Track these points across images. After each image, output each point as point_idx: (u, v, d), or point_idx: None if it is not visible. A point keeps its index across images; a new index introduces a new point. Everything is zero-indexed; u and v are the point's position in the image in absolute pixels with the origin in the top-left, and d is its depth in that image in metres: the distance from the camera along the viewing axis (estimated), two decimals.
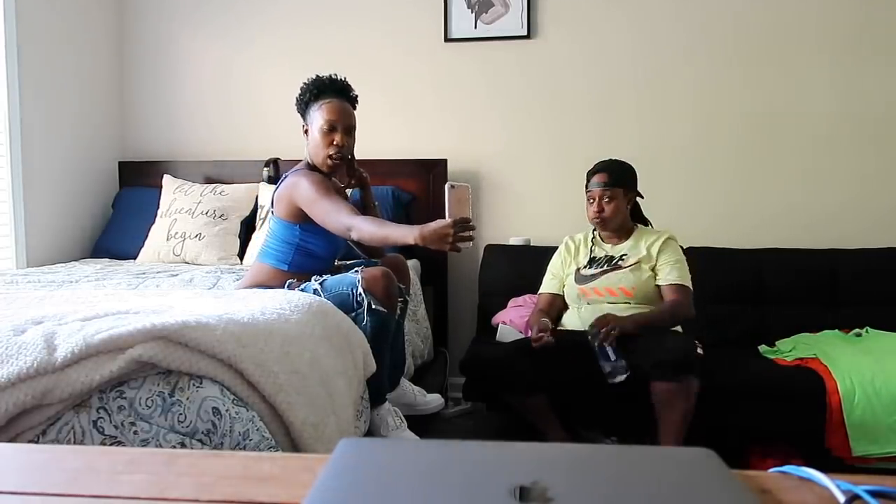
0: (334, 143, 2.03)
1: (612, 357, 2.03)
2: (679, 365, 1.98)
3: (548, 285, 2.44)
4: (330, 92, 2.08)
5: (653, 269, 2.26)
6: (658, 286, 2.26)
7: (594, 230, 2.42)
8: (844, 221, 2.94)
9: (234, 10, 3.35)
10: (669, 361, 1.98)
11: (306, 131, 2.11)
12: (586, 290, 2.29)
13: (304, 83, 2.11)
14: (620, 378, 2.03)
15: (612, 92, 3.09)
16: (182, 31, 3.40)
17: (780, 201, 2.99)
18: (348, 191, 2.44)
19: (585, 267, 2.34)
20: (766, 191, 3.00)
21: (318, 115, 2.05)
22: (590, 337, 2.07)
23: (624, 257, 2.30)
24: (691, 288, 2.24)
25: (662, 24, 3.03)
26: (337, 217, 1.90)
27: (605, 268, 2.30)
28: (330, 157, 2.04)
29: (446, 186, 1.79)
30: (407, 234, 1.79)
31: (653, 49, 3.05)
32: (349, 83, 2.12)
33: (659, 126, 3.06)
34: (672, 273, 2.23)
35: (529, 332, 2.27)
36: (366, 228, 1.86)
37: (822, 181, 2.96)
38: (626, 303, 2.23)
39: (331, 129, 2.03)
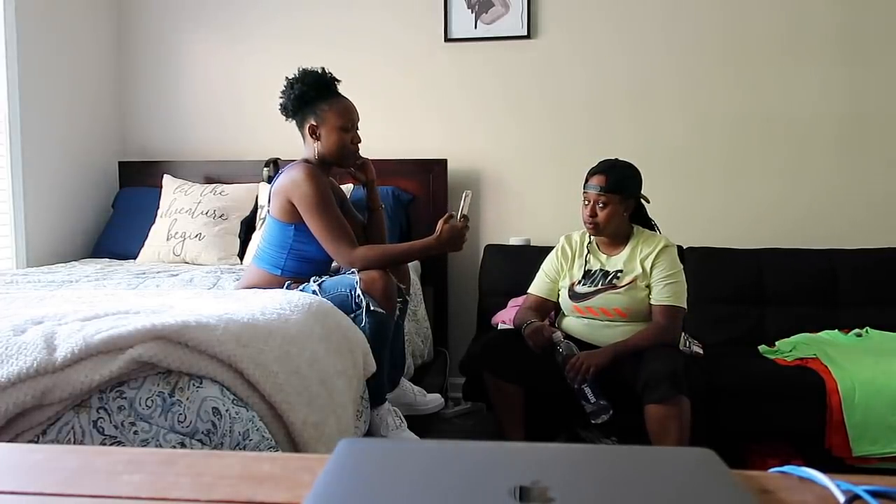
0: (353, 140, 2.13)
1: (592, 399, 2.01)
2: (667, 386, 1.94)
3: (539, 286, 2.34)
4: (332, 88, 2.12)
5: (648, 286, 2.17)
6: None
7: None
8: (842, 220, 2.94)
9: (233, 9, 3.34)
10: (656, 383, 1.95)
11: (313, 130, 2.09)
12: (580, 309, 2.23)
13: (296, 80, 2.09)
14: (604, 418, 2.01)
15: (611, 92, 3.08)
16: (182, 30, 3.40)
17: (779, 200, 2.99)
18: (348, 187, 2.43)
19: (580, 283, 2.24)
20: (765, 190, 3.00)
21: (334, 115, 2.09)
22: (568, 381, 2.05)
23: (619, 275, 2.20)
24: (683, 306, 2.16)
25: (663, 24, 3.03)
26: (336, 250, 2.00)
27: (599, 286, 2.21)
28: (355, 153, 2.16)
29: (464, 194, 2.08)
30: (427, 245, 2.03)
31: (653, 49, 3.04)
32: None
33: (658, 125, 3.06)
34: (663, 292, 2.14)
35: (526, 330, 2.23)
36: (372, 257, 1.97)
37: (820, 180, 2.96)
38: (621, 324, 2.18)
39: (352, 126, 2.12)
